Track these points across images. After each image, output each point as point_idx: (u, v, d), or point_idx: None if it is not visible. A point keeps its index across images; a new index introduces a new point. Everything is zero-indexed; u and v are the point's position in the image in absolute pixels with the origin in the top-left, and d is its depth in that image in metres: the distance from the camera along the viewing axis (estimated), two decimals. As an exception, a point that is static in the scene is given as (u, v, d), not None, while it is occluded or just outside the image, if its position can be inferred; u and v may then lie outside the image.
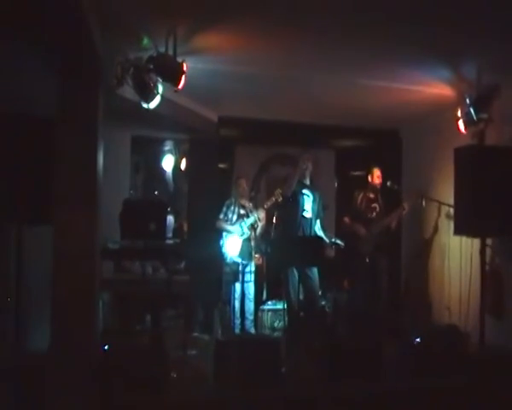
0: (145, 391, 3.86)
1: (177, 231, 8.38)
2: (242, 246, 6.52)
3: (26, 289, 3.82)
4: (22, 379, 3.51)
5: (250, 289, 6.58)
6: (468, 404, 4.00)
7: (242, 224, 6.53)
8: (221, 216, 6.62)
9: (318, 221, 6.45)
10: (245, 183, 6.76)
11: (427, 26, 4.09)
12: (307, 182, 6.41)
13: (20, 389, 3.45)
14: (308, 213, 6.32)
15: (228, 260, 6.54)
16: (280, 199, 6.38)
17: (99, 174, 4.53)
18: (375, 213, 6.63)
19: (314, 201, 6.38)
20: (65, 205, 4.16)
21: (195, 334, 6.18)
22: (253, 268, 6.59)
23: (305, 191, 6.34)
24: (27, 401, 3.46)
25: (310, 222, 6.31)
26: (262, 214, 6.54)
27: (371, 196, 6.69)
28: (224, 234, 6.58)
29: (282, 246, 5.78)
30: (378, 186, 6.68)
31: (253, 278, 6.60)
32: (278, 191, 6.40)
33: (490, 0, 3.62)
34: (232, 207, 6.64)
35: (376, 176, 6.67)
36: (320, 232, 6.40)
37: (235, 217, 6.60)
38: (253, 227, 6.49)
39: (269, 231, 6.66)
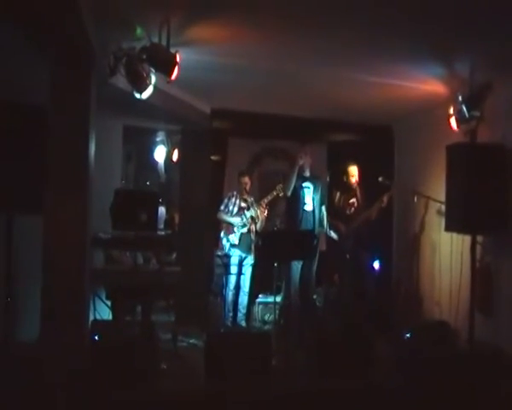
0: (135, 383, 3.85)
1: (169, 222, 8.38)
2: (242, 239, 6.52)
3: (16, 279, 3.80)
4: (12, 369, 3.49)
5: (246, 281, 6.59)
6: (455, 401, 4.02)
7: (243, 216, 6.54)
8: (222, 207, 6.64)
9: (324, 208, 6.47)
10: (248, 179, 6.73)
11: (422, 23, 4.08)
12: (307, 174, 6.43)
13: (9, 378, 3.43)
14: (309, 206, 6.34)
15: (221, 253, 6.55)
16: (281, 194, 6.42)
17: (90, 163, 4.51)
18: (353, 209, 6.61)
19: (315, 190, 6.40)
20: (56, 194, 4.14)
21: (186, 326, 6.17)
22: (251, 261, 6.58)
23: (305, 184, 6.37)
24: (17, 392, 3.44)
25: (312, 214, 6.33)
26: (262, 209, 6.54)
27: (348, 192, 6.64)
28: (224, 225, 6.60)
29: (272, 240, 5.79)
30: (355, 185, 6.59)
31: (250, 271, 6.60)
32: (280, 186, 6.43)
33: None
34: (233, 200, 6.66)
35: (351, 176, 6.57)
36: (324, 221, 6.44)
37: (235, 209, 6.61)
38: (253, 220, 6.50)
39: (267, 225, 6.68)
